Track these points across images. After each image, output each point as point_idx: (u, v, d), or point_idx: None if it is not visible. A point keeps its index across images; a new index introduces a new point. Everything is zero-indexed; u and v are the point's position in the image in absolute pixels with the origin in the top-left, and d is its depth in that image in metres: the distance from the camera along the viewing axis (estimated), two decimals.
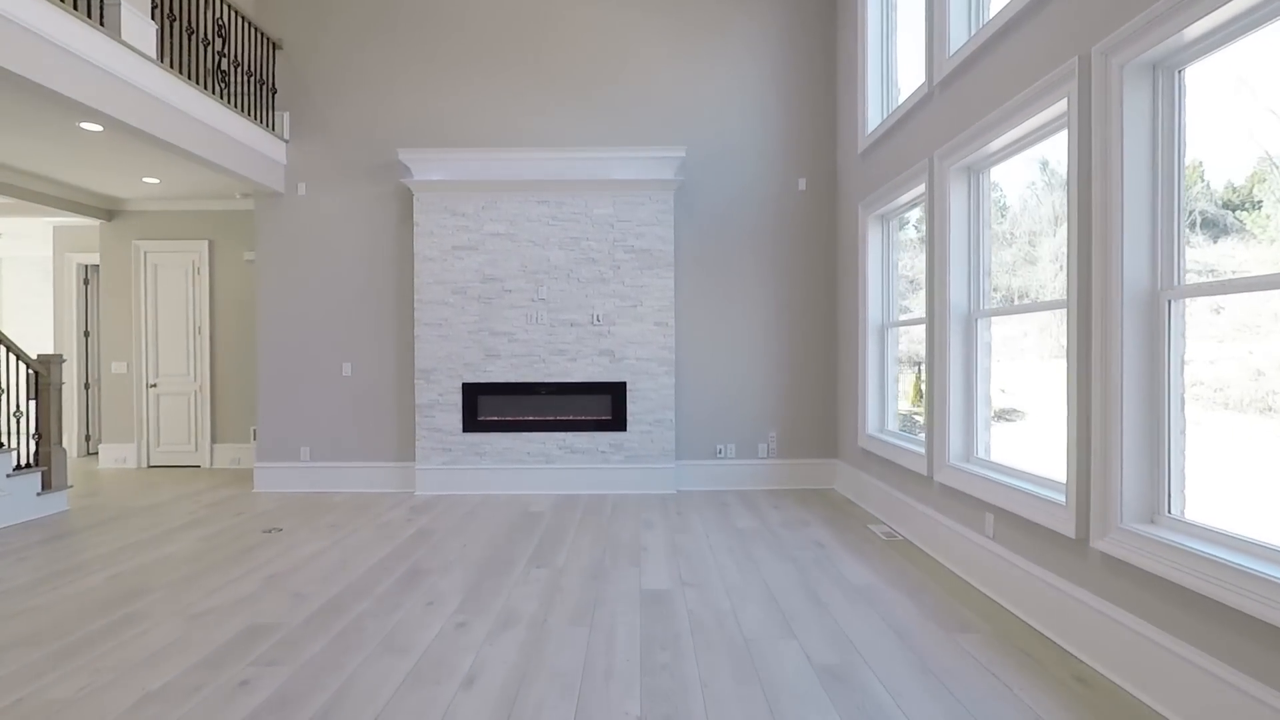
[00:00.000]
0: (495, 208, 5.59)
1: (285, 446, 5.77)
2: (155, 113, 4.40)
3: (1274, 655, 1.84)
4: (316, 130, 5.78)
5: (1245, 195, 2.28)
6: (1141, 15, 2.27)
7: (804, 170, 5.75)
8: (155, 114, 4.40)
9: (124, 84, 4.11)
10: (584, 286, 5.58)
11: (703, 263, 5.74)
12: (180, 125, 4.65)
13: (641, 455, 5.58)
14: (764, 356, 5.74)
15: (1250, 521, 2.13)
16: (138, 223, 6.89)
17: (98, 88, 3.91)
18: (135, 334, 6.88)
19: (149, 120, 4.36)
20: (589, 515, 4.85)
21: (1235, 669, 1.95)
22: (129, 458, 6.88)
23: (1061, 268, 3.01)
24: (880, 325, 5.00)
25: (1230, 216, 2.32)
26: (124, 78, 4.08)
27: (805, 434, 5.75)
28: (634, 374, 5.58)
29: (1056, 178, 3.25)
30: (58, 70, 3.63)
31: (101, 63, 3.89)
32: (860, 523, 4.58)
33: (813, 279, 5.76)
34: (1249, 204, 2.28)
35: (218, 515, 4.89)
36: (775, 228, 5.75)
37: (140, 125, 4.29)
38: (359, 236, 5.76)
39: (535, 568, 3.67)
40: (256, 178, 5.49)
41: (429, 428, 5.60)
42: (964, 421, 3.70)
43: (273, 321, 5.78)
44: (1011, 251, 3.66)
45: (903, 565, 3.69)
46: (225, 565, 3.74)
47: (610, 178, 5.54)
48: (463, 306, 5.59)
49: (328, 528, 4.53)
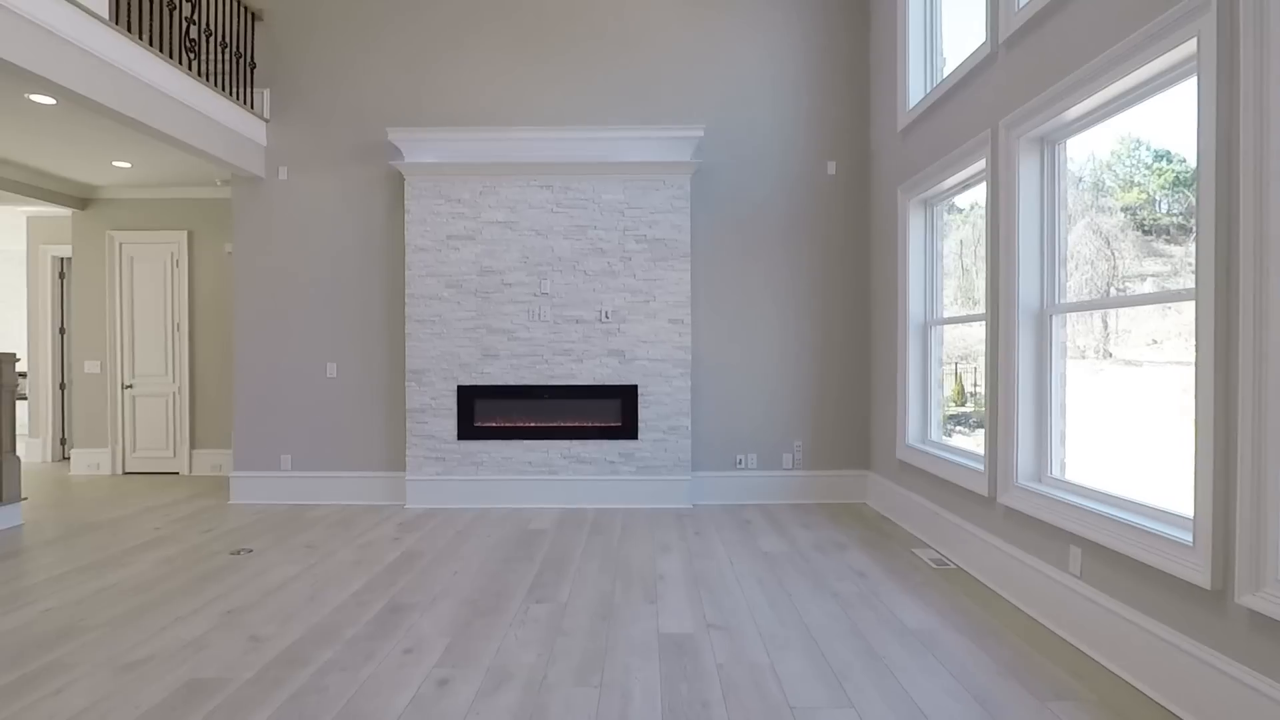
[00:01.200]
0: (494, 193, 5.08)
1: (264, 454, 5.28)
2: (113, 83, 3.91)
3: None
4: (300, 109, 5.28)
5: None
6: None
7: (834, 152, 5.22)
8: (113, 85, 3.91)
9: (72, 47, 3.61)
10: (591, 280, 5.07)
11: (722, 254, 5.22)
12: (145, 99, 4.16)
13: (654, 466, 5.07)
14: (790, 357, 5.22)
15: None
16: (112, 212, 6.41)
17: (41, 50, 3.42)
18: (109, 331, 6.41)
19: (106, 92, 3.86)
20: (597, 534, 4.34)
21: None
22: (102, 464, 6.41)
23: (1188, 257, 2.47)
24: (922, 323, 4.46)
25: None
26: (72, 40, 3.58)
27: (834, 443, 5.23)
28: (646, 376, 5.07)
29: (1170, 141, 2.71)
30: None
31: (44, 20, 3.40)
32: (902, 546, 4.05)
33: (844, 272, 5.23)
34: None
35: (184, 532, 4.40)
36: (802, 215, 5.22)
37: (96, 97, 3.80)
38: (345, 225, 5.27)
39: (535, 603, 3.16)
40: (234, 160, 5.00)
41: (421, 434, 5.10)
42: (1035, 435, 3.17)
43: (251, 318, 5.29)
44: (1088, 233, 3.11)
45: (963, 603, 3.16)
46: (178, 597, 3.24)
47: (621, 160, 5.02)
48: (458, 301, 5.09)
49: (303, 548, 4.03)
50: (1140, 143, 2.86)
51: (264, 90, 5.25)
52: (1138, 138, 2.85)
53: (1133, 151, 2.91)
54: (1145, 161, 2.87)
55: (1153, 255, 2.84)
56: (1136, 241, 2.89)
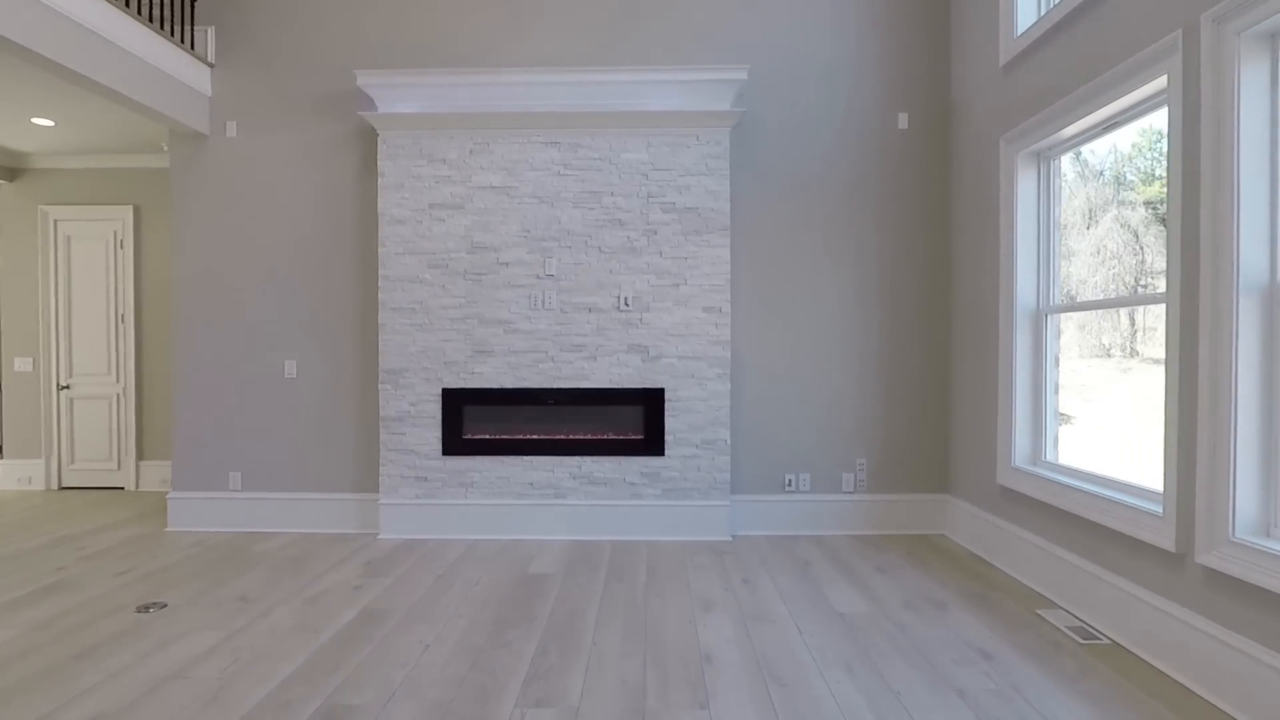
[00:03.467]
0: (488, 151, 4.12)
1: (209, 471, 4.34)
2: (16, 13, 2.99)
3: None
4: (250, 51, 4.33)
5: None
6: None
7: (906, 101, 4.23)
8: (15, 15, 3.00)
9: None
10: (608, 258, 4.11)
11: (768, 226, 4.24)
12: (58, 33, 3.24)
13: (685, 488, 4.10)
14: (852, 354, 4.24)
15: None
16: (45, 184, 5.49)
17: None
18: (43, 323, 5.49)
19: (8, 23, 2.94)
20: (615, 580, 3.38)
21: None
22: (35, 477, 5.50)
23: None
24: (1034, 310, 3.48)
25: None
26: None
27: (906, 461, 4.24)
28: (675, 378, 4.10)
29: None
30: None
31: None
32: (1022, 605, 3.06)
33: (919, 248, 4.23)
34: None
35: (93, 574, 3.46)
36: (866, 179, 4.23)
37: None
38: (307, 192, 4.32)
39: (533, 706, 2.20)
40: (171, 113, 4.06)
41: (397, 448, 4.15)
42: (1262, 466, 2.18)
43: (192, 306, 4.35)
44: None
45: (1149, 708, 2.18)
46: (33, 688, 2.30)
47: (644, 109, 4.05)
48: (444, 285, 4.13)
49: (234, 603, 3.08)
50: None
51: (207, 28, 4.30)
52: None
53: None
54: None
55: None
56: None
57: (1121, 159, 3.15)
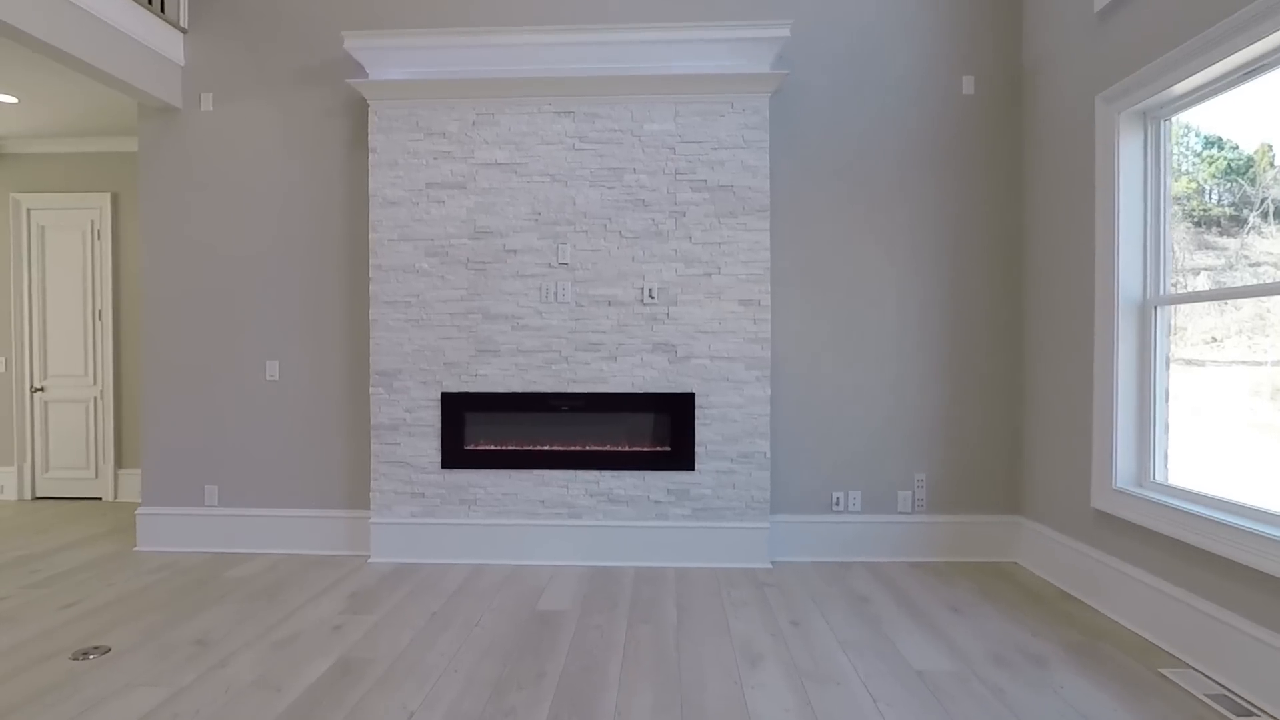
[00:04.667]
0: (492, 123, 3.62)
1: (182, 485, 3.87)
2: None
3: None
4: (228, 14, 3.86)
5: None
6: None
7: (971, 64, 3.68)
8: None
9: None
10: (630, 244, 3.59)
11: (814, 208, 3.70)
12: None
13: (718, 508, 3.57)
14: (908, 354, 3.69)
15: None
16: (16, 169, 5.07)
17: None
18: (14, 320, 5.07)
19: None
20: (641, 620, 2.86)
21: None
22: (7, 486, 5.08)
23: None
24: (1140, 302, 2.91)
25: None
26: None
27: (971, 477, 3.68)
28: (707, 381, 3.57)
29: None
30: None
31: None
32: (1138, 660, 2.51)
33: (988, 231, 3.68)
34: None
35: (36, 606, 3.00)
36: (926, 152, 3.68)
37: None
38: (290, 171, 3.84)
39: None
40: (139, 83, 3.60)
41: (391, 460, 3.66)
42: None
43: (164, 300, 3.89)
44: None
45: None
46: None
47: (670, 72, 3.53)
48: (443, 276, 3.64)
49: (187, 648, 2.60)
50: None
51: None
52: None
53: None
54: None
55: None
56: None
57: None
